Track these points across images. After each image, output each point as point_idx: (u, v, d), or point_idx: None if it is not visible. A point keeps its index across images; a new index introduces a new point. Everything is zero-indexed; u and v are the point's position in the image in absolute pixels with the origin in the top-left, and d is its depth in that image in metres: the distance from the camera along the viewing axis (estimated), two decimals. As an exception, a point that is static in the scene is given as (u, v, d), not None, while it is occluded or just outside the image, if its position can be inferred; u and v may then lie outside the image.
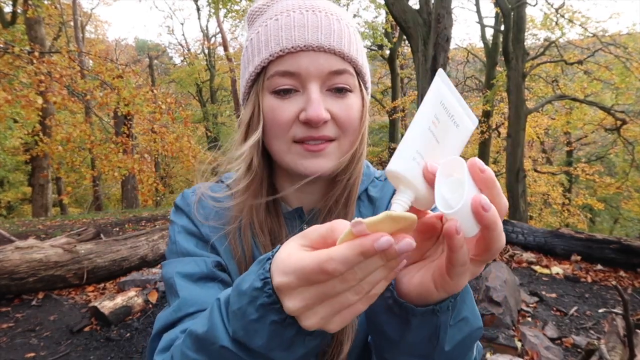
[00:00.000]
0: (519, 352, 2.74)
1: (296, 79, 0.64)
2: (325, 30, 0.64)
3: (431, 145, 0.43)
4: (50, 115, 9.55)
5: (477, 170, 0.40)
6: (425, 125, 0.43)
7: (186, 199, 0.78)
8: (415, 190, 0.42)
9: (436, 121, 0.44)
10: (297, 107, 0.64)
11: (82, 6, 18.15)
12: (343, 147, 0.68)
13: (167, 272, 0.70)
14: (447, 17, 6.06)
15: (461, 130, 0.46)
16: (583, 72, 11.83)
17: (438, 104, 0.44)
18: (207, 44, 21.42)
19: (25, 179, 15.04)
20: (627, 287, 4.20)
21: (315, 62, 0.63)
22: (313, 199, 0.75)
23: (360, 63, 0.68)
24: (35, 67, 6.81)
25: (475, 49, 16.61)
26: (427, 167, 0.42)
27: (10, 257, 3.57)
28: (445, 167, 0.41)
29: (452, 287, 0.44)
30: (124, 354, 2.93)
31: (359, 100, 0.69)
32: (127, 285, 3.91)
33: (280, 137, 0.66)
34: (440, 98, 0.45)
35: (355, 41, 0.68)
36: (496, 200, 0.40)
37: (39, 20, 10.14)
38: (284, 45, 0.63)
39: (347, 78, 0.65)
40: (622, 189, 12.55)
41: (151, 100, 8.01)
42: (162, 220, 7.85)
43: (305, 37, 0.63)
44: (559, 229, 5.40)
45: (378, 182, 0.82)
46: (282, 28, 0.64)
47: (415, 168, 0.41)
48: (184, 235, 0.73)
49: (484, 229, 0.39)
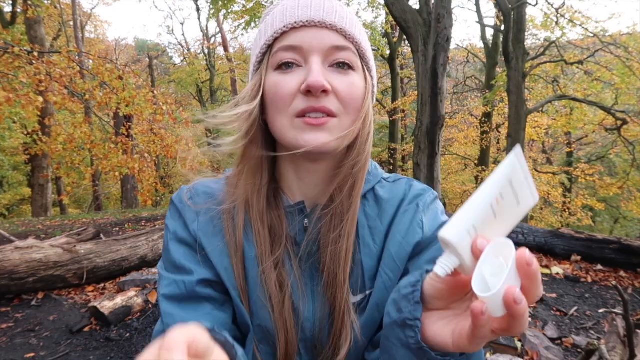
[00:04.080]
0: (519, 352, 2.74)
1: (298, 52, 0.65)
2: (329, 9, 0.66)
3: (488, 220, 0.44)
4: (49, 115, 9.56)
5: (524, 264, 0.41)
6: (489, 201, 0.44)
7: (181, 194, 0.77)
8: (461, 260, 0.43)
9: (500, 198, 0.45)
10: (298, 80, 0.64)
11: (82, 6, 18.17)
12: (344, 124, 0.67)
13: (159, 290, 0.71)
14: (447, 17, 6.05)
15: (521, 207, 0.47)
16: (583, 73, 11.83)
17: (507, 182, 0.45)
18: (207, 44, 21.41)
19: (24, 179, 15.03)
20: (627, 287, 4.20)
21: (317, 36, 0.64)
22: (316, 191, 0.73)
23: (363, 46, 0.69)
24: (35, 67, 6.81)
25: (475, 49, 16.62)
26: (476, 243, 0.43)
27: (10, 257, 3.57)
28: (494, 247, 0.42)
29: (468, 349, 0.46)
30: (123, 354, 2.93)
31: (362, 81, 0.69)
32: (127, 286, 3.91)
33: (282, 111, 0.65)
34: (510, 176, 0.45)
35: (357, 25, 0.69)
36: (532, 292, 0.42)
37: (39, 21, 10.14)
38: (287, 22, 0.65)
39: (349, 55, 0.66)
40: (622, 189, 12.54)
41: (152, 102, 8.01)
42: (162, 220, 7.84)
43: (309, 14, 0.65)
44: (559, 229, 5.40)
45: (386, 183, 0.80)
46: (286, 9, 0.67)
47: (466, 240, 0.43)
48: (175, 244, 0.73)
49: (510, 316, 0.40)
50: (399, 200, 0.76)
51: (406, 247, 0.70)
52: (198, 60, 21.43)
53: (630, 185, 12.36)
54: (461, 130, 16.46)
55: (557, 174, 14.39)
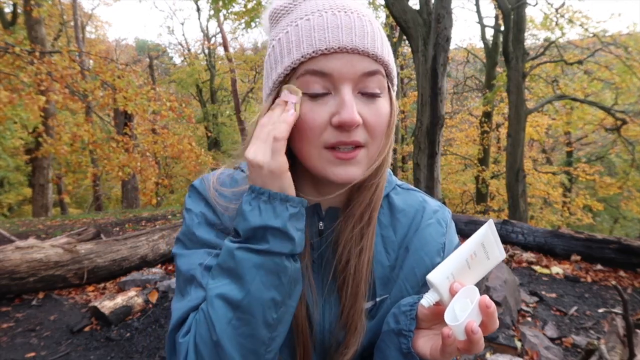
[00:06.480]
0: (518, 352, 2.75)
1: (328, 79, 0.62)
2: (359, 31, 0.62)
3: (464, 270, 0.61)
4: (51, 115, 9.56)
5: (484, 305, 0.56)
6: (464, 257, 0.61)
7: (206, 183, 0.74)
8: (441, 296, 0.60)
9: (474, 255, 0.62)
10: (329, 111, 0.62)
11: (83, 6, 18.17)
12: (371, 154, 0.66)
13: (185, 263, 0.68)
14: (447, 17, 6.06)
15: (491, 261, 0.64)
16: (583, 72, 11.83)
17: (480, 244, 0.62)
18: (207, 44, 21.40)
19: (25, 180, 15.04)
20: (627, 287, 4.20)
21: (348, 63, 0.61)
22: (334, 200, 0.74)
23: (391, 66, 0.67)
24: (36, 67, 6.82)
25: (475, 49, 16.62)
26: (453, 286, 0.59)
27: (11, 257, 3.58)
28: (465, 291, 0.59)
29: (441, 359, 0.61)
30: (124, 353, 2.93)
31: (388, 103, 0.68)
32: (127, 285, 3.92)
33: (311, 142, 0.64)
34: (482, 240, 0.62)
35: (386, 43, 0.67)
36: (489, 326, 0.57)
37: (40, 21, 10.15)
38: (317, 47, 0.61)
39: (379, 80, 0.65)
40: (622, 188, 12.54)
41: (154, 99, 8.02)
42: (162, 220, 7.85)
43: (340, 39, 0.61)
44: (559, 228, 5.40)
45: (401, 190, 0.80)
46: (314, 29, 0.62)
47: (446, 283, 0.60)
48: (204, 227, 0.70)
49: (468, 341, 0.55)
50: (414, 211, 0.78)
51: (429, 265, 0.74)
52: (198, 60, 21.42)
53: (630, 185, 12.36)
54: (461, 130, 16.47)
55: (557, 173, 14.39)
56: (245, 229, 0.60)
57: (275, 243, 0.60)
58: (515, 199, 8.72)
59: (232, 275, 0.60)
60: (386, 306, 0.73)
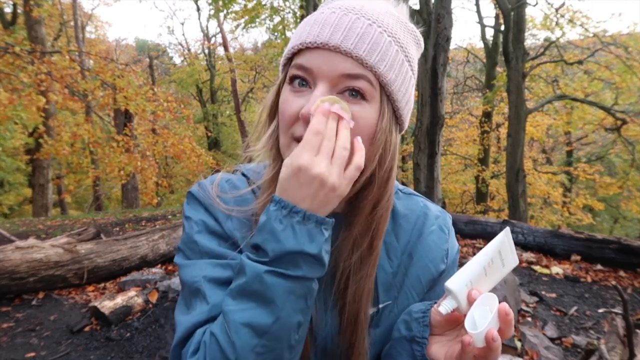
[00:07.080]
0: (518, 352, 2.75)
1: (308, 74, 0.62)
2: (348, 32, 0.60)
3: (481, 277, 0.62)
4: (52, 116, 9.56)
5: (504, 313, 0.56)
6: (482, 264, 0.62)
7: (204, 189, 0.71)
8: (459, 303, 0.60)
9: (491, 263, 0.63)
10: (302, 104, 0.62)
11: (83, 6, 18.17)
12: None
13: (189, 274, 0.65)
14: (447, 17, 6.06)
15: (505, 267, 0.65)
16: (583, 72, 11.83)
17: (497, 252, 0.64)
18: (207, 44, 21.41)
19: (25, 180, 15.04)
20: (627, 287, 4.20)
21: (328, 61, 0.60)
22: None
23: (388, 77, 0.62)
24: (36, 67, 6.82)
25: (475, 49, 16.62)
26: (471, 293, 0.59)
27: (11, 257, 3.58)
28: (484, 298, 0.59)
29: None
30: (124, 353, 2.93)
31: (374, 112, 0.62)
32: (127, 285, 3.91)
33: (284, 132, 0.64)
34: (499, 248, 0.64)
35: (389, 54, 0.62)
36: (506, 333, 0.57)
37: (40, 21, 10.15)
38: (303, 40, 0.62)
39: (363, 84, 0.61)
40: (622, 188, 12.54)
41: (152, 99, 8.02)
42: (162, 220, 7.85)
43: (326, 36, 0.60)
44: (559, 228, 5.40)
45: (402, 195, 0.79)
46: (311, 23, 0.63)
47: (464, 291, 0.60)
48: (205, 235, 0.68)
49: (488, 349, 0.55)
50: (416, 217, 0.77)
51: (434, 272, 0.76)
52: (198, 60, 21.42)
53: (630, 185, 12.35)
54: (461, 129, 16.46)
55: (557, 173, 14.39)
56: (276, 251, 0.55)
57: (308, 269, 0.57)
58: (515, 199, 8.72)
59: (259, 299, 0.55)
60: (392, 314, 0.72)
